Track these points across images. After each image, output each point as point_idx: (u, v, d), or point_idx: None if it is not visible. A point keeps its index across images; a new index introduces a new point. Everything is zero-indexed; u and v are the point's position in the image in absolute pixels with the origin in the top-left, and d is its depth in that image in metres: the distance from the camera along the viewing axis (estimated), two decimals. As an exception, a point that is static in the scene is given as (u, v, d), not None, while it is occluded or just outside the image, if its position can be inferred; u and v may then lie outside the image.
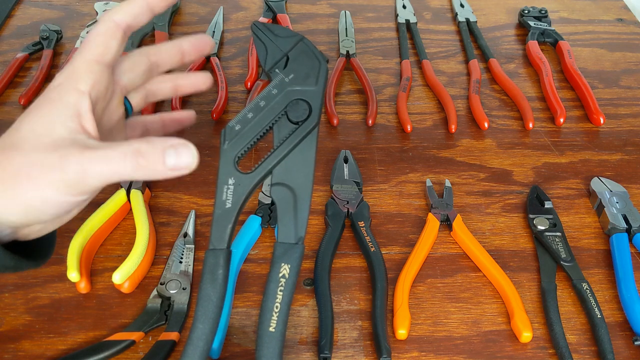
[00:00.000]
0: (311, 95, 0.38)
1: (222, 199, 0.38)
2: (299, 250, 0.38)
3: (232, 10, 0.86)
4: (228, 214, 0.38)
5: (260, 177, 0.38)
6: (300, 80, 0.38)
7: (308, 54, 0.39)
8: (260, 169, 0.38)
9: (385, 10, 0.87)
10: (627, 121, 0.70)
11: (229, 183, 0.38)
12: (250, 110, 0.39)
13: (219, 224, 0.38)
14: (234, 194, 0.38)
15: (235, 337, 0.48)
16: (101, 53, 0.38)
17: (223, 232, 0.38)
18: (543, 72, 0.74)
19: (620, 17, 0.86)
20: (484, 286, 0.53)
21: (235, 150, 0.38)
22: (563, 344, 0.48)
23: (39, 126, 0.36)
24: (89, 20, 0.81)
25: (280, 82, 0.39)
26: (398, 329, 0.48)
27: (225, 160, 0.38)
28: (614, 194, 0.59)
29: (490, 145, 0.66)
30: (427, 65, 0.75)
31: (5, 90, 0.71)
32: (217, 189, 0.38)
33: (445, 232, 0.57)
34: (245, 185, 0.38)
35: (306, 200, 0.38)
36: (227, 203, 0.38)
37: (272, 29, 0.40)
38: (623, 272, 0.52)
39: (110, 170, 0.35)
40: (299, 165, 0.38)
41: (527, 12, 0.83)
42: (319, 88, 0.38)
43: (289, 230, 0.38)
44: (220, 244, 0.38)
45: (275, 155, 0.38)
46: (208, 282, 0.37)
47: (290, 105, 0.38)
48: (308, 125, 0.38)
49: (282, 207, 0.38)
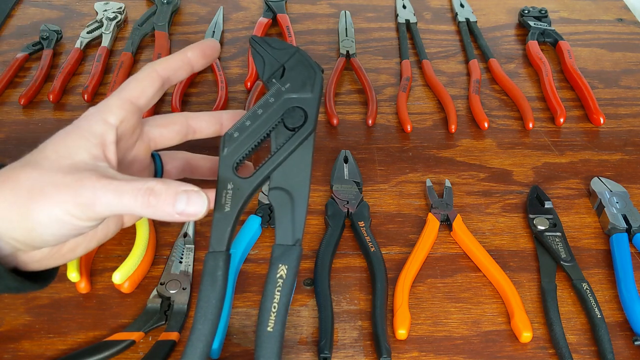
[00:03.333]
0: (307, 103, 0.39)
1: (222, 202, 0.38)
2: (297, 252, 0.38)
3: (232, 10, 0.86)
4: (227, 217, 0.38)
5: (258, 181, 0.39)
6: (297, 89, 0.40)
7: (304, 64, 0.40)
8: (258, 174, 0.39)
9: (385, 10, 0.87)
10: (627, 121, 0.70)
11: (228, 188, 0.39)
12: (248, 118, 0.40)
13: (218, 227, 0.38)
14: (233, 198, 0.38)
15: (235, 337, 0.48)
16: (136, 95, 0.40)
17: (222, 235, 0.38)
18: (543, 72, 0.74)
19: (620, 17, 0.86)
20: (484, 286, 0.53)
21: (234, 156, 0.39)
22: (563, 344, 0.48)
23: (63, 148, 0.37)
24: (89, 20, 0.81)
25: (277, 91, 0.40)
26: (398, 329, 0.48)
27: (224, 166, 0.39)
28: (614, 194, 0.59)
29: (490, 145, 0.66)
30: (427, 65, 0.75)
31: (5, 90, 0.71)
32: (217, 194, 0.39)
33: (445, 232, 0.57)
34: (244, 190, 0.39)
35: (303, 203, 0.38)
36: (226, 207, 0.38)
37: (269, 42, 0.41)
38: (623, 272, 0.52)
39: (120, 203, 0.35)
40: (295, 170, 0.39)
41: (527, 12, 0.83)
42: (314, 95, 0.39)
43: (287, 232, 0.38)
44: (219, 247, 0.38)
45: (273, 160, 0.39)
46: (208, 284, 0.38)
47: (287, 112, 0.39)
48: (304, 131, 0.39)
49: (280, 210, 0.39)
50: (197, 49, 0.41)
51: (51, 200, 0.35)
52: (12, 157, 0.37)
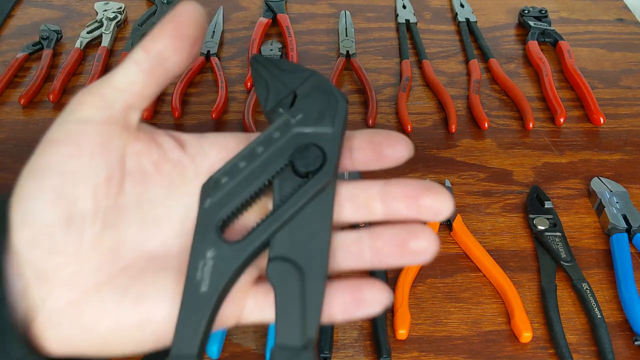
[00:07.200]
0: (326, 140, 0.28)
1: (196, 279, 0.26)
2: (309, 359, 0.26)
3: (232, 10, 0.86)
4: (203, 301, 0.26)
5: (252, 249, 0.27)
6: (312, 121, 0.29)
7: (321, 90, 0.30)
8: (252, 238, 0.27)
9: (385, 10, 0.87)
10: (627, 121, 0.70)
11: (207, 256, 0.27)
12: (242, 158, 0.28)
13: (189, 316, 0.26)
14: (214, 272, 0.26)
15: (235, 337, 0.48)
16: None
17: (194, 329, 0.26)
18: (543, 72, 0.74)
19: (620, 17, 0.86)
20: (484, 286, 0.53)
21: (219, 211, 0.27)
22: (563, 344, 0.48)
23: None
24: (89, 20, 0.81)
25: (285, 124, 0.29)
26: (398, 329, 0.48)
27: (204, 226, 0.27)
28: (614, 194, 0.59)
29: (490, 145, 0.66)
30: (427, 65, 0.75)
31: (5, 90, 0.71)
32: (190, 264, 0.27)
33: (445, 232, 0.57)
34: (230, 261, 0.27)
35: (319, 282, 0.26)
36: (202, 285, 0.26)
37: (276, 63, 0.31)
38: (623, 272, 0.52)
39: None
40: (309, 234, 0.27)
41: (527, 12, 0.83)
42: (336, 131, 0.29)
43: (293, 327, 0.26)
44: (188, 347, 0.26)
45: (276, 218, 0.27)
46: None
47: (297, 152, 0.28)
48: (322, 178, 0.28)
49: (284, 293, 0.27)
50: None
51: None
52: (12, 157, 0.37)
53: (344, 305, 0.27)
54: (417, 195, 0.27)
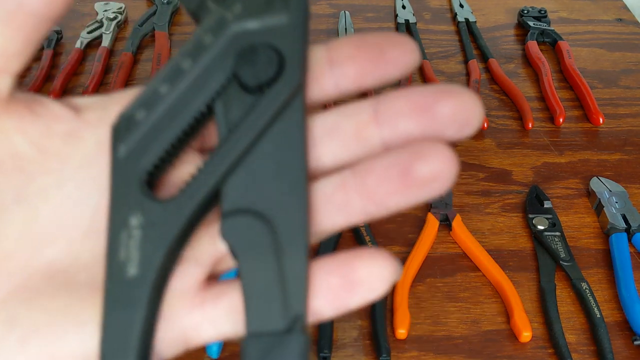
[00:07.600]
0: (281, 35, 0.20)
1: (120, 258, 0.19)
2: (297, 346, 0.18)
3: (231, 10, 0.86)
4: (133, 290, 0.18)
5: (195, 204, 0.19)
6: (255, 11, 0.20)
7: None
8: (193, 189, 0.19)
9: (384, 10, 0.87)
10: (627, 121, 0.70)
11: (131, 225, 0.19)
12: (164, 80, 0.20)
13: (115, 314, 0.18)
14: (144, 245, 0.18)
15: (235, 337, 0.48)
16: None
17: (125, 331, 0.18)
18: (542, 72, 0.74)
19: (620, 17, 0.87)
20: (483, 286, 0.53)
21: (139, 159, 0.19)
22: (562, 344, 0.48)
23: None
24: (89, 20, 0.81)
25: (218, 22, 0.20)
26: (398, 329, 0.48)
27: (121, 182, 0.19)
28: (613, 194, 0.59)
29: (489, 145, 0.66)
30: (426, 65, 0.75)
31: (5, 90, 0.72)
32: (109, 240, 0.19)
33: (444, 232, 0.57)
34: (166, 227, 0.19)
35: (299, 237, 0.19)
36: (129, 267, 0.18)
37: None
38: (622, 272, 0.52)
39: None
40: (275, 172, 0.19)
41: (526, 12, 0.83)
42: (294, 19, 0.20)
43: (270, 303, 0.18)
44: (120, 356, 0.18)
45: (223, 155, 0.19)
46: None
47: (241, 58, 0.19)
48: (282, 89, 0.19)
49: (250, 258, 0.19)
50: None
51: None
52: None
53: (332, 291, 0.19)
54: (432, 103, 0.19)
